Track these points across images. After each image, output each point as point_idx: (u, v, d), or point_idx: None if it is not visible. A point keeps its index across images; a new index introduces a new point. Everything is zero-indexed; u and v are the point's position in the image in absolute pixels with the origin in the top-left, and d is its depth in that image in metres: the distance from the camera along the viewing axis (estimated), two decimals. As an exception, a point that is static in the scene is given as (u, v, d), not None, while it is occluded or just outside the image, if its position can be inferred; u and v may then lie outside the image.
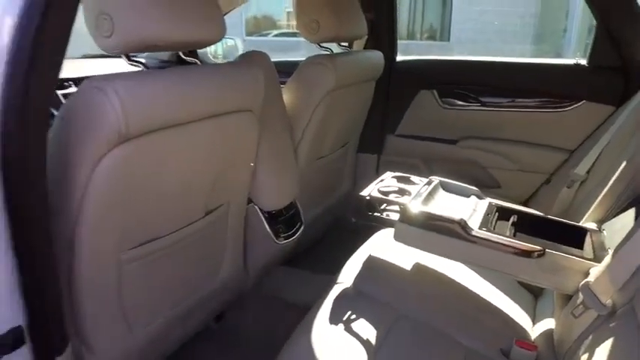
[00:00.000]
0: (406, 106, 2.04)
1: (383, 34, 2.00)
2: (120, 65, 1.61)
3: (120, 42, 0.87)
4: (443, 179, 1.32)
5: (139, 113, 0.84)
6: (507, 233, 1.09)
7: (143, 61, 1.01)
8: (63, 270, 0.88)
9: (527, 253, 1.00)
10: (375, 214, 1.24)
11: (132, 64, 0.97)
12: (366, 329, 0.99)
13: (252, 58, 1.31)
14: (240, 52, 2.81)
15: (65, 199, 0.84)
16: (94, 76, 0.83)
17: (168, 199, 1.03)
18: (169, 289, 1.15)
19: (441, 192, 1.27)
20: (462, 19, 11.60)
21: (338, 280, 1.18)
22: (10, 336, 0.74)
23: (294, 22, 1.63)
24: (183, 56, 1.11)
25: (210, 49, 2.80)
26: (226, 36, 1.14)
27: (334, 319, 1.02)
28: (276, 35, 13.08)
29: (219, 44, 2.86)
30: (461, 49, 10.72)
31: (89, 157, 0.82)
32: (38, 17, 0.66)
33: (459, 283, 1.18)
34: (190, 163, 1.05)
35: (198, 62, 1.11)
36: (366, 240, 1.35)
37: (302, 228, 1.54)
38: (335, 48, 1.71)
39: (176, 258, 1.12)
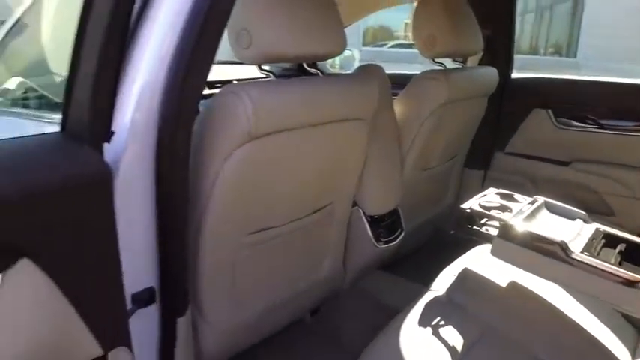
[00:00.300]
0: (518, 123, 2.01)
1: (499, 51, 2.00)
2: (249, 71, 1.80)
3: (255, 54, 1.01)
4: (548, 200, 1.30)
5: (266, 116, 0.96)
6: (612, 261, 1.06)
7: (272, 70, 1.14)
8: (190, 247, 1.02)
9: (631, 283, 0.97)
10: (475, 227, 1.26)
11: (262, 72, 1.11)
12: (452, 337, 1.03)
13: (368, 71, 1.40)
14: (357, 62, 2.93)
15: (198, 186, 0.98)
16: (232, 83, 0.97)
17: (282, 194, 1.15)
18: (275, 276, 1.26)
19: (544, 212, 1.26)
20: (592, 34, 10.84)
21: (431, 288, 1.22)
22: (145, 293, 0.89)
23: (411, 34, 1.68)
24: (306, 67, 1.23)
25: (329, 59, 2.95)
26: (345, 47, 1.24)
27: (423, 322, 1.07)
28: (392, 46, 13.15)
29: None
30: (588, 68, 10.04)
31: (221, 152, 0.96)
32: (198, 29, 0.79)
33: (554, 306, 1.17)
34: (304, 164, 1.16)
35: (320, 73, 1.22)
36: (463, 253, 1.37)
37: (402, 235, 1.59)
38: (449, 63, 1.74)
39: (284, 248, 1.24)
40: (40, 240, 0.64)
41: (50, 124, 1.48)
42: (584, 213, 1.26)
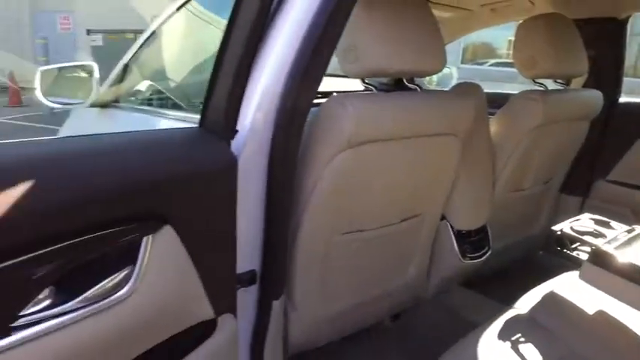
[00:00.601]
0: (624, 151, 1.93)
1: (606, 73, 1.94)
2: (349, 83, 1.90)
3: (360, 69, 1.10)
4: None
5: (366, 126, 1.05)
6: None
7: (373, 83, 1.23)
8: (289, 239, 1.12)
9: None
10: (565, 250, 1.25)
11: (364, 86, 1.19)
12: (531, 355, 1.04)
13: (466, 89, 1.44)
14: (455, 80, 2.95)
15: (301, 184, 1.08)
16: (338, 93, 1.07)
17: (374, 200, 1.22)
18: (362, 276, 1.34)
19: None
20: None
21: (514, 306, 1.23)
22: (248, 275, 1.00)
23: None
24: (405, 82, 1.30)
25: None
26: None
27: (502, 337, 1.09)
28: (492, 64, 12.79)
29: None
30: None
31: (325, 155, 1.05)
32: (313, 45, 0.90)
33: None
34: (396, 174, 1.22)
35: (418, 88, 1.29)
36: (550, 277, 1.36)
37: (489, 253, 1.60)
38: (551, 84, 1.73)
39: (372, 251, 1.31)
40: (180, 212, 0.78)
41: (172, 119, 1.67)
42: None
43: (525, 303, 1.23)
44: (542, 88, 1.67)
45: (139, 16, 10.64)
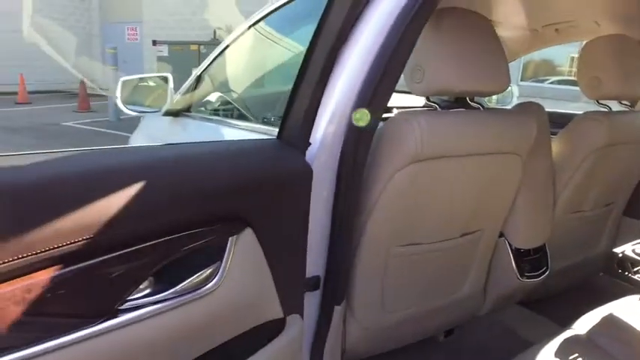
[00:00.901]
0: None
1: None
2: (411, 100, 1.94)
3: (426, 88, 1.15)
4: None
5: (431, 142, 1.09)
6: None
7: (437, 101, 1.27)
8: (357, 247, 1.18)
9: None
10: (626, 273, 1.24)
11: (429, 104, 1.24)
12: None
13: (528, 109, 1.45)
14: (515, 98, 2.93)
15: (366, 196, 1.14)
16: (404, 110, 1.12)
17: (434, 214, 1.26)
18: (419, 288, 1.37)
19: None
20: None
21: (572, 327, 1.23)
22: (313, 280, 1.06)
23: (576, 70, 1.68)
24: (469, 101, 1.33)
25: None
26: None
27: (558, 356, 1.09)
28: (553, 82, 12.43)
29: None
30: None
31: (388, 170, 1.10)
32: (384, 65, 0.95)
33: None
34: (457, 190, 1.26)
35: (481, 107, 1.32)
36: (610, 300, 1.34)
37: (547, 273, 1.59)
38: (615, 105, 1.71)
39: (429, 264, 1.34)
40: (259, 216, 0.85)
41: (238, 129, 1.77)
42: None
43: (584, 324, 1.23)
44: (606, 109, 1.65)
45: (202, 28, 11.08)
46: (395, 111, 2.02)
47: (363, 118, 0.96)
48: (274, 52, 2.01)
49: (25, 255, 0.61)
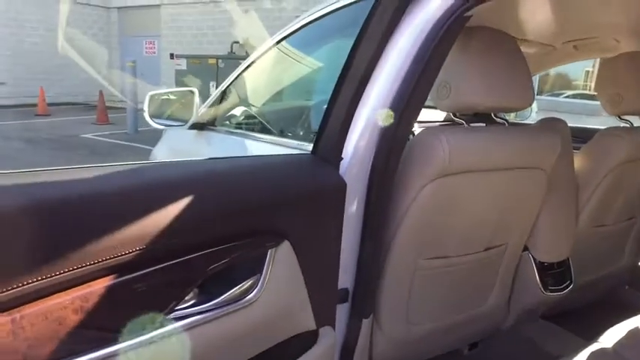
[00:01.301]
0: None
1: None
2: (437, 114, 1.97)
3: (452, 104, 1.18)
4: None
5: (459, 157, 1.12)
6: None
7: (463, 117, 1.29)
8: (384, 260, 1.20)
9: None
10: None
11: (456, 120, 1.26)
12: None
13: (552, 124, 1.47)
14: (534, 112, 2.94)
15: (395, 208, 1.16)
16: (432, 126, 1.14)
17: (459, 228, 1.28)
18: (444, 300, 1.39)
19: None
20: None
21: (598, 340, 1.23)
22: (342, 292, 1.08)
23: (592, 84, 1.70)
24: (494, 116, 1.36)
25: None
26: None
27: None
28: (569, 96, 12.37)
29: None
30: None
31: (418, 182, 1.13)
32: (414, 83, 0.99)
33: None
34: (483, 203, 1.28)
35: (506, 122, 1.34)
36: (636, 313, 1.35)
37: (571, 286, 1.60)
38: (637, 121, 1.72)
39: (455, 277, 1.36)
40: (296, 229, 0.88)
41: (263, 142, 1.81)
42: None
43: (610, 337, 1.23)
44: (627, 125, 1.66)
45: (220, 42, 11.24)
46: (418, 125, 2.05)
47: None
48: (297, 69, 2.05)
49: (84, 265, 0.64)
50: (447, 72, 1.16)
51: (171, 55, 11.20)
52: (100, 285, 0.66)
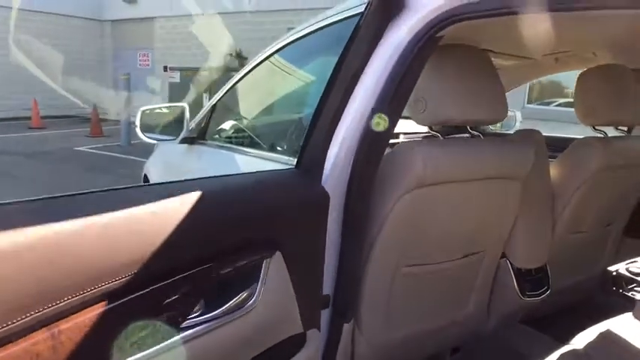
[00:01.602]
0: None
1: None
2: (414, 125, 2.03)
3: (427, 118, 1.24)
4: None
5: (434, 169, 1.18)
6: None
7: (439, 130, 1.35)
8: (365, 266, 1.26)
9: None
10: (620, 291, 1.30)
11: (431, 133, 1.33)
12: None
13: (526, 135, 1.54)
14: (518, 122, 3.02)
15: (373, 218, 1.22)
16: (410, 139, 1.21)
17: (437, 236, 1.34)
18: (424, 306, 1.44)
19: None
20: None
21: (570, 343, 1.29)
22: (324, 298, 1.14)
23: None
24: (469, 128, 1.42)
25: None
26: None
27: None
28: (559, 104, 12.49)
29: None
30: None
31: (395, 193, 1.18)
32: (389, 98, 1.05)
33: None
34: (459, 213, 1.34)
35: (481, 135, 1.40)
36: (610, 317, 1.40)
37: (548, 292, 1.65)
38: (611, 131, 1.78)
39: (434, 284, 1.41)
40: (285, 240, 0.95)
41: (251, 157, 1.86)
42: None
43: (582, 340, 1.29)
44: (601, 135, 1.73)
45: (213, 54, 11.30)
46: (401, 136, 2.11)
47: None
48: (285, 84, 2.12)
49: (108, 282, 0.71)
50: (422, 88, 1.22)
51: (165, 68, 11.27)
52: (99, 309, 0.72)
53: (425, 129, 1.38)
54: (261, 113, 2.28)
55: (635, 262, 1.35)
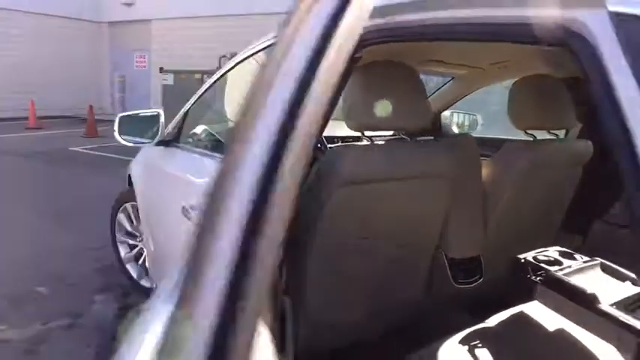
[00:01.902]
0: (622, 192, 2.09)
1: (597, 124, 2.12)
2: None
3: (357, 124, 1.42)
4: (605, 262, 1.48)
5: (362, 169, 1.36)
6: None
7: (370, 136, 1.53)
8: (305, 253, 1.43)
9: None
10: (530, 277, 1.48)
11: (363, 137, 1.51)
12: (483, 356, 1.28)
13: (456, 139, 1.71)
14: (479, 125, 3.21)
15: (310, 210, 1.39)
16: (339, 145, 1.39)
17: (371, 229, 1.51)
18: (363, 293, 1.61)
19: (596, 271, 1.45)
20: None
21: (486, 321, 1.46)
22: None
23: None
24: (400, 134, 1.60)
25: (457, 120, 3.29)
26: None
27: (462, 342, 1.33)
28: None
29: (465, 116, 3.33)
30: None
31: (326, 191, 1.37)
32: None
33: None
34: (391, 209, 1.51)
35: (408, 139, 1.58)
36: (525, 301, 1.57)
37: (480, 280, 1.83)
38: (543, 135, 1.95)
39: (374, 271, 1.58)
40: None
41: (219, 160, 2.04)
42: (634, 276, 1.41)
43: (497, 319, 1.47)
44: (530, 139, 1.90)
45: (209, 56, 11.47)
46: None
47: None
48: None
49: None
50: (352, 98, 1.40)
51: (161, 69, 11.45)
52: None
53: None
54: (228, 118, 2.46)
55: (546, 251, 1.53)
